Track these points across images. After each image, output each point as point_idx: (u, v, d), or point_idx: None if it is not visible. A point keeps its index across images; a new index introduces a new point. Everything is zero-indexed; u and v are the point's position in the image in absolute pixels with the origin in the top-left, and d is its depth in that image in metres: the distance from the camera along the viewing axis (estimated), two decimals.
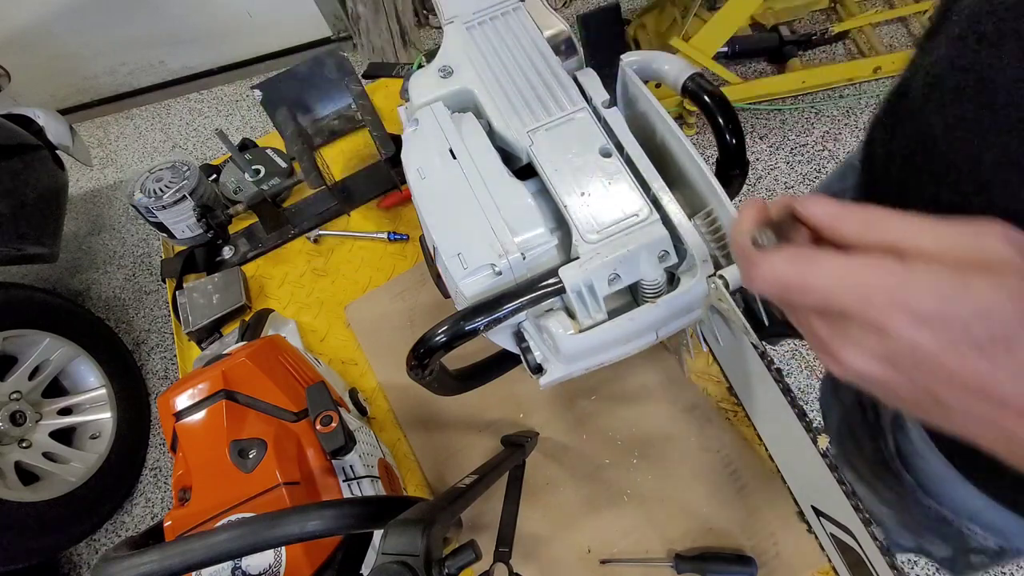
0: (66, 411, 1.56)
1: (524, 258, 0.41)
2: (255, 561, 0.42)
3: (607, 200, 0.41)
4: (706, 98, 0.45)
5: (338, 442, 0.47)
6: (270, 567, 0.42)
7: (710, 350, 0.67)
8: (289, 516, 0.34)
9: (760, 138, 1.84)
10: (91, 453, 1.55)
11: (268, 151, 0.93)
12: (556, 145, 0.44)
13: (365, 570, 0.46)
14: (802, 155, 1.80)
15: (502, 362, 0.54)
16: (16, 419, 1.45)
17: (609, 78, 0.49)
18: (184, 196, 0.80)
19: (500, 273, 0.41)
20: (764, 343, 0.52)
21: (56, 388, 1.57)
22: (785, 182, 1.77)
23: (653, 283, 0.40)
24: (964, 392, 0.23)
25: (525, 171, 0.46)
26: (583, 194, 0.42)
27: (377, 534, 0.39)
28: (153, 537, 0.45)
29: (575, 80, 0.48)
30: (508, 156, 0.47)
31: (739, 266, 0.31)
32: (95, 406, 1.60)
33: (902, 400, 0.26)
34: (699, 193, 0.43)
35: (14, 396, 1.45)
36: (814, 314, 0.26)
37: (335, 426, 0.48)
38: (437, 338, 0.39)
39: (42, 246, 1.52)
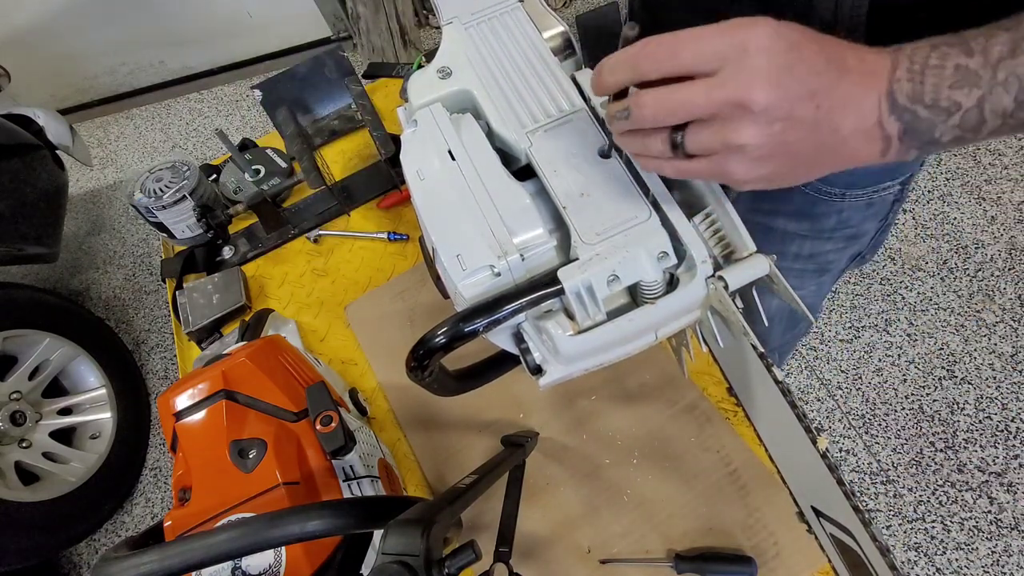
0: (66, 411, 1.57)
1: (523, 259, 0.41)
2: (255, 561, 0.42)
3: (606, 201, 0.41)
4: None
5: (338, 442, 0.47)
6: (270, 567, 0.42)
7: (710, 350, 0.67)
8: (289, 516, 0.34)
9: None
10: (91, 453, 1.55)
11: (268, 151, 0.93)
12: (555, 146, 0.44)
13: (365, 570, 0.46)
14: None
15: (501, 363, 0.54)
16: (16, 419, 1.45)
17: None
18: (184, 196, 0.80)
19: (499, 274, 0.41)
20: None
21: (56, 388, 1.57)
22: None
23: (652, 284, 0.40)
24: (818, 78, 0.31)
25: (524, 172, 0.46)
26: (582, 195, 0.42)
27: (377, 534, 0.40)
28: (153, 537, 0.45)
29: (574, 81, 0.48)
30: (507, 157, 0.47)
31: (626, 139, 0.38)
32: (95, 406, 1.60)
33: (791, 124, 0.32)
34: (698, 194, 0.43)
35: (14, 396, 1.46)
36: (701, 129, 0.33)
37: (335, 426, 0.48)
38: (436, 339, 0.39)
39: (42, 246, 1.52)
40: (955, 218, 1.72)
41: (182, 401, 0.49)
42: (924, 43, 0.32)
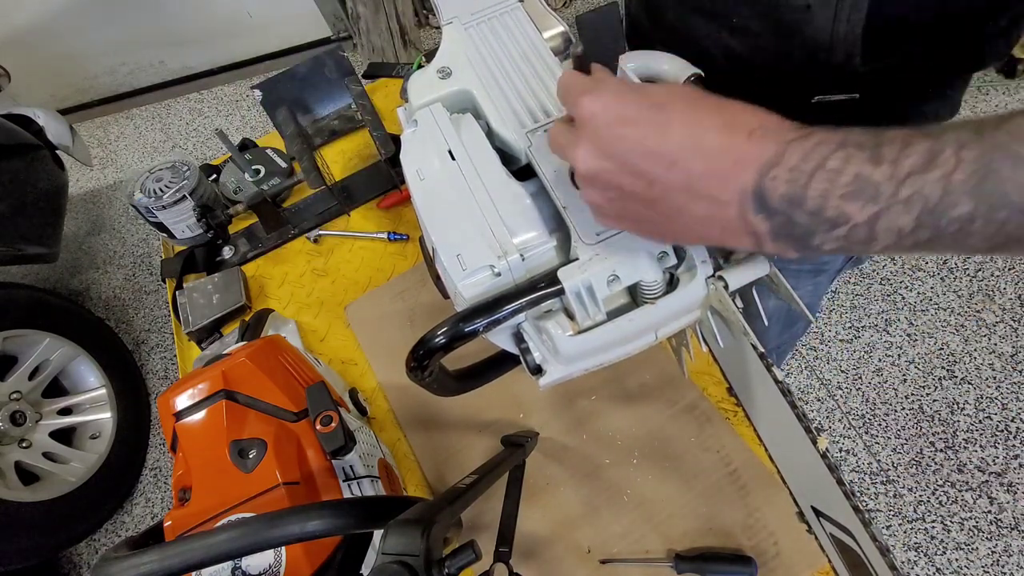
0: (66, 411, 1.57)
1: (523, 259, 0.41)
2: (255, 561, 0.42)
3: None
4: None
5: (338, 442, 0.47)
6: (270, 567, 0.42)
7: (710, 350, 0.67)
8: (289, 516, 0.34)
9: None
10: (91, 453, 1.55)
11: (268, 151, 0.93)
12: None
13: (365, 570, 0.46)
14: None
15: (502, 363, 0.54)
16: (16, 419, 1.45)
17: None
18: (184, 196, 0.80)
19: (499, 274, 0.41)
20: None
21: (56, 388, 1.57)
22: None
23: (652, 284, 0.40)
24: (649, 158, 0.30)
25: (524, 172, 0.46)
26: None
27: (377, 534, 0.40)
28: (153, 537, 0.45)
29: None
30: (507, 157, 0.47)
31: None
32: (95, 406, 1.60)
33: (623, 194, 0.32)
34: None
35: (14, 396, 1.46)
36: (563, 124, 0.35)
37: (335, 426, 0.48)
38: (436, 340, 0.39)
39: (42, 246, 1.52)
40: None
41: (182, 401, 0.49)
42: (835, 135, 0.27)
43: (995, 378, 1.48)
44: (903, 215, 0.26)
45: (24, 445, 1.46)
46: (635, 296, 0.43)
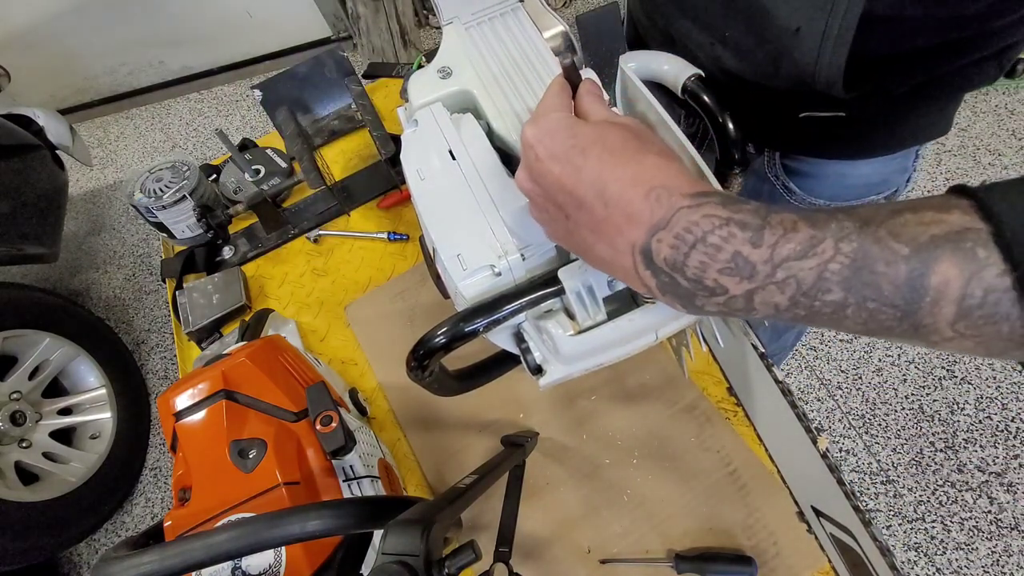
0: (66, 411, 1.57)
1: (523, 259, 0.41)
2: (255, 561, 0.42)
3: None
4: (706, 98, 0.45)
5: (338, 442, 0.47)
6: (270, 567, 0.42)
7: (710, 350, 0.67)
8: (289, 516, 0.34)
9: None
10: (91, 453, 1.55)
11: (268, 151, 0.93)
12: None
13: (365, 570, 0.46)
14: None
15: (502, 362, 0.54)
16: (16, 419, 1.45)
17: (608, 78, 0.49)
18: (184, 196, 0.80)
19: (499, 274, 0.41)
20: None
21: (56, 388, 1.57)
22: None
23: None
24: (565, 194, 0.32)
25: None
26: None
27: (377, 534, 0.40)
28: (153, 537, 0.45)
29: None
30: (507, 157, 0.47)
31: None
32: (95, 406, 1.60)
33: (551, 217, 0.35)
34: None
35: (14, 396, 1.45)
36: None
37: (335, 426, 0.48)
38: (436, 339, 0.39)
39: (42, 246, 1.52)
40: None
41: (182, 401, 0.49)
42: (724, 210, 0.28)
43: (995, 378, 1.48)
44: (777, 294, 0.27)
45: (24, 445, 1.45)
46: (635, 296, 0.43)
